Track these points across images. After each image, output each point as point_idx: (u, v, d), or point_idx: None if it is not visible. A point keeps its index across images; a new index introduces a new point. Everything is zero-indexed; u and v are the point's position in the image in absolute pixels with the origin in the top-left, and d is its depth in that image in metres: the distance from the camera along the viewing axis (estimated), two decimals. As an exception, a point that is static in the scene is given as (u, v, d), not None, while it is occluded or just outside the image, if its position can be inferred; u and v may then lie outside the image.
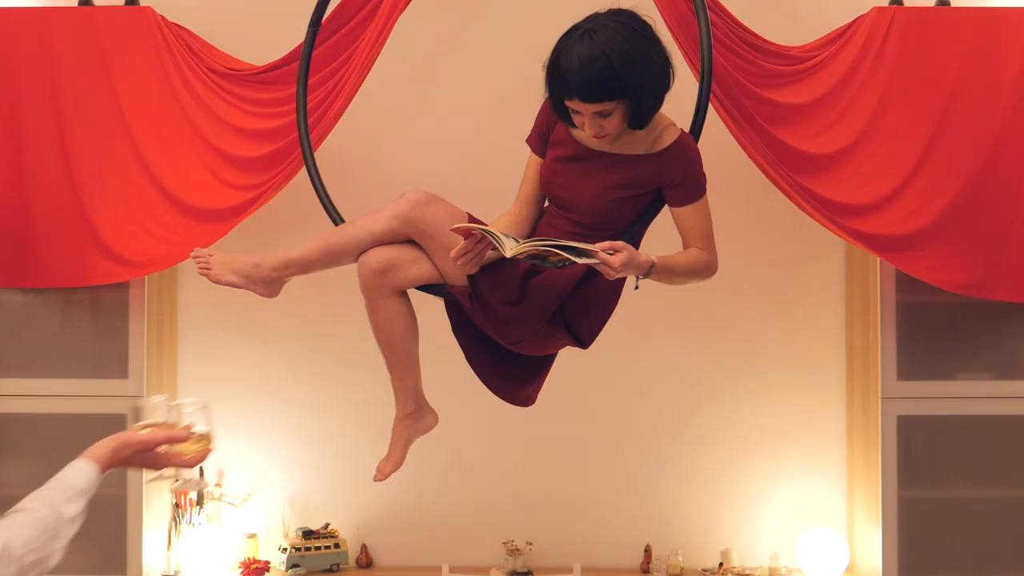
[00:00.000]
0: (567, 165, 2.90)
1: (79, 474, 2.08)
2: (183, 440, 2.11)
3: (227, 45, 4.03)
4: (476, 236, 2.69)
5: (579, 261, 2.62)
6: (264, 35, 4.08)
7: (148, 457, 2.09)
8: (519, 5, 4.26)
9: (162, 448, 2.09)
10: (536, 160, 3.00)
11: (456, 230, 2.70)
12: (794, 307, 4.39)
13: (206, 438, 2.15)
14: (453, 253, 2.73)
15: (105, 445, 2.09)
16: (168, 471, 2.16)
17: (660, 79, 2.77)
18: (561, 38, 2.77)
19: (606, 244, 2.65)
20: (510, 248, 2.61)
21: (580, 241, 2.74)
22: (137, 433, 2.09)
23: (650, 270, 2.74)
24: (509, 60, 4.13)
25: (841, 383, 4.38)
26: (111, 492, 3.91)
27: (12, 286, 4.02)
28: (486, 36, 4.33)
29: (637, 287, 2.83)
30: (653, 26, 2.82)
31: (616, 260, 2.64)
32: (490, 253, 2.74)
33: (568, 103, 2.76)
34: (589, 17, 2.77)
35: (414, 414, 3.06)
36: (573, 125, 2.85)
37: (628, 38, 2.72)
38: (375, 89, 3.82)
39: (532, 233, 2.95)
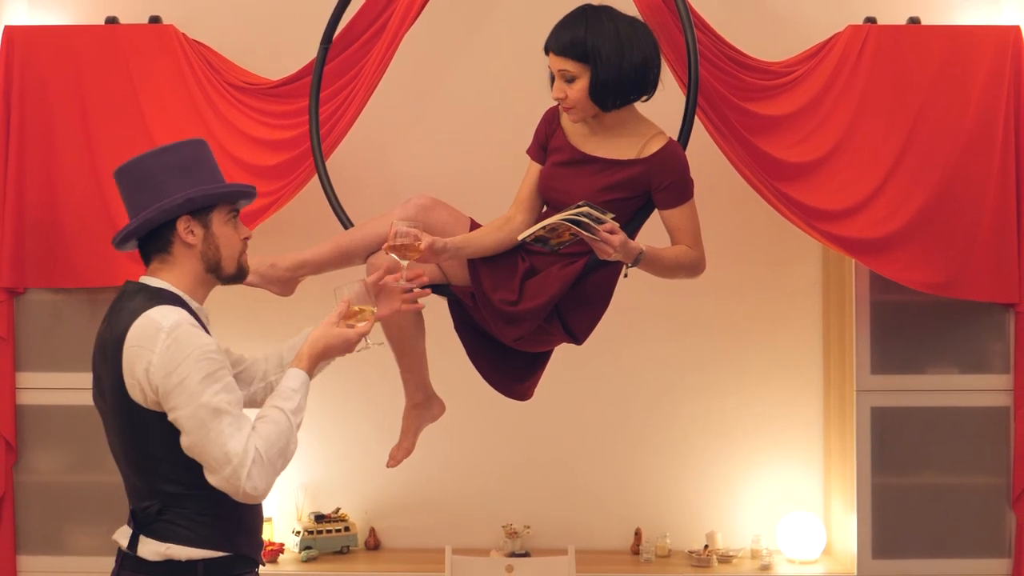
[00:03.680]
0: (563, 169, 2.91)
1: (289, 378, 2.38)
2: (350, 315, 2.47)
3: (244, 60, 4.02)
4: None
5: (583, 234, 2.65)
6: (279, 51, 4.08)
7: (337, 344, 2.43)
8: (518, 20, 4.24)
9: (341, 330, 2.43)
10: (536, 167, 3.01)
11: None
12: (774, 306, 4.38)
13: (366, 310, 2.50)
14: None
15: (302, 350, 2.44)
16: (360, 344, 2.47)
17: (630, 68, 2.78)
18: None
19: (608, 226, 2.66)
20: (520, 232, 2.66)
21: (576, 240, 2.74)
22: (315, 328, 2.46)
23: (639, 257, 2.75)
24: (509, 71, 4.13)
25: (819, 377, 4.37)
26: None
27: (43, 286, 4.01)
28: (487, 49, 4.32)
29: (626, 275, 2.83)
30: (654, 36, 2.84)
31: (616, 240, 2.66)
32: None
33: (549, 61, 2.83)
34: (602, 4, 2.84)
35: (423, 404, 3.07)
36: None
37: (620, 23, 2.78)
38: (383, 100, 3.81)
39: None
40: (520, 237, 2.69)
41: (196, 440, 2.21)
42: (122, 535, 2.35)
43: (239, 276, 2.45)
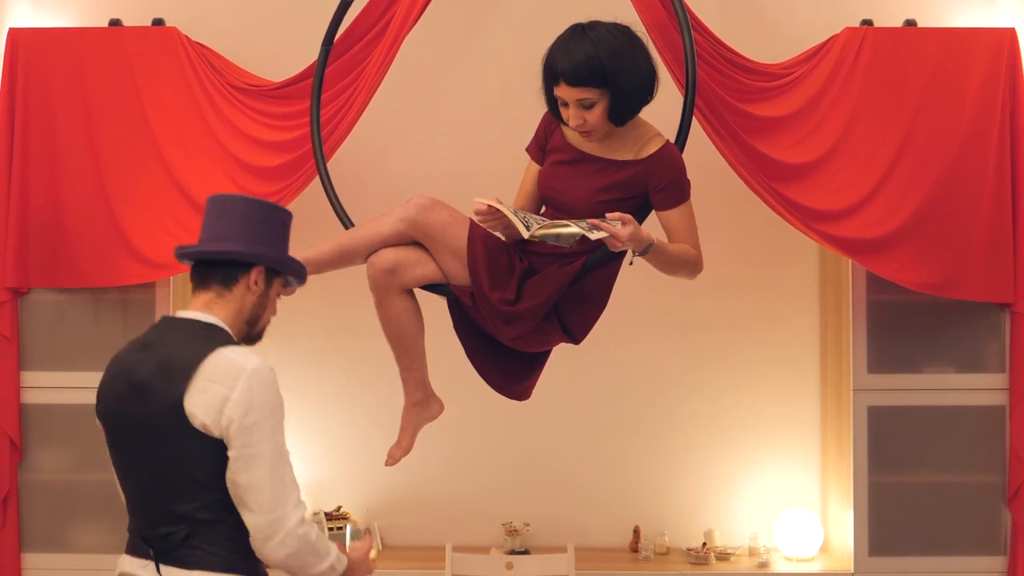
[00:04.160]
0: (562, 168, 2.90)
1: (337, 557, 2.39)
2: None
3: (246, 62, 4.03)
4: (493, 211, 2.74)
5: (592, 236, 2.64)
6: (281, 53, 4.08)
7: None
8: (516, 24, 4.26)
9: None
10: (534, 167, 3.01)
11: (479, 210, 2.73)
12: (772, 306, 4.39)
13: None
14: (475, 217, 2.77)
15: (353, 557, 2.47)
16: None
17: (643, 81, 2.78)
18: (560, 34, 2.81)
19: (617, 215, 2.65)
20: (527, 231, 2.63)
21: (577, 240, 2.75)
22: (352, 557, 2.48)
23: (648, 248, 2.73)
24: (507, 74, 4.12)
25: (815, 376, 4.37)
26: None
27: (47, 286, 4.01)
28: (485, 52, 4.33)
29: (631, 263, 2.81)
30: (645, 40, 2.84)
31: (624, 233, 2.65)
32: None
33: (556, 91, 2.78)
34: (588, 21, 2.80)
35: (421, 403, 3.07)
36: (562, 120, 2.84)
37: (618, 38, 2.76)
38: (383, 102, 3.82)
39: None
40: (527, 236, 2.67)
41: (257, 478, 2.24)
42: (138, 567, 2.33)
43: (257, 339, 2.53)
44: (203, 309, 2.41)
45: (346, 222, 3.15)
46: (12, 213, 3.93)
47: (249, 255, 2.41)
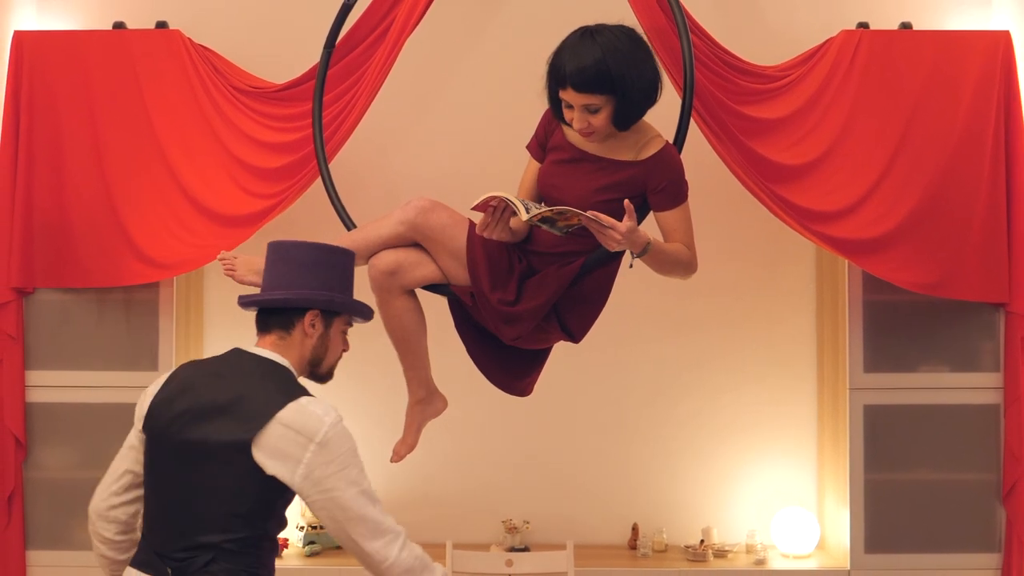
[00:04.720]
0: (562, 167, 2.91)
1: (443, 570, 2.44)
2: None
3: (249, 64, 4.04)
4: (496, 207, 2.72)
5: (588, 221, 2.65)
6: (283, 55, 4.09)
7: None
8: (517, 25, 4.27)
9: None
10: (535, 165, 3.02)
11: (477, 207, 2.72)
12: (769, 305, 4.40)
13: None
14: (478, 230, 2.75)
15: None
16: None
17: (649, 86, 2.78)
18: (566, 36, 2.80)
19: (614, 221, 2.66)
20: (526, 213, 2.63)
21: (570, 241, 2.75)
22: None
23: (646, 248, 2.73)
24: (507, 75, 4.14)
25: (812, 375, 4.38)
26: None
27: (52, 286, 4.03)
28: (486, 54, 4.34)
29: (632, 265, 2.81)
30: (649, 45, 2.84)
31: (623, 227, 2.65)
32: (512, 219, 2.78)
33: (562, 94, 2.78)
34: (595, 24, 2.79)
35: (425, 400, 3.09)
36: (564, 121, 2.85)
37: (625, 43, 2.74)
38: (384, 104, 3.83)
39: (530, 235, 2.94)
40: (525, 218, 2.67)
41: (354, 515, 2.31)
42: None
43: (326, 379, 2.57)
44: (271, 348, 2.46)
45: (348, 223, 3.16)
46: (17, 214, 3.95)
47: (296, 300, 2.45)
